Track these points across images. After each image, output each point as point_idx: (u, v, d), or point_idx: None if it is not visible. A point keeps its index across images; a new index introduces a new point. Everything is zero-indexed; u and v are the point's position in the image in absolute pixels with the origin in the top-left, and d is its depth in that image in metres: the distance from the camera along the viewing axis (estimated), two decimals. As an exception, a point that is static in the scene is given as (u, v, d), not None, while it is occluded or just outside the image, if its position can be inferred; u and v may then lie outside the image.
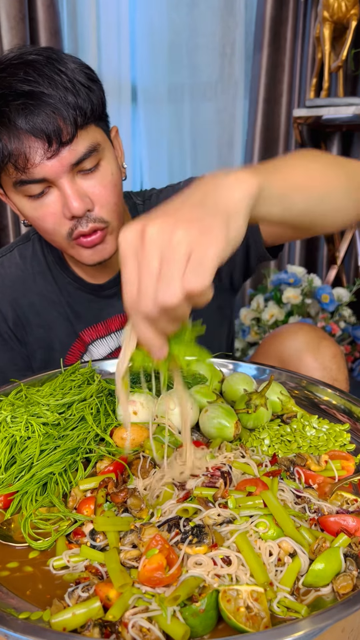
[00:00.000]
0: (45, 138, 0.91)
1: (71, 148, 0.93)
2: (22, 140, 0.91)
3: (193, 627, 0.52)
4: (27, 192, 0.96)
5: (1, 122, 0.91)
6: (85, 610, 0.53)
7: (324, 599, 0.56)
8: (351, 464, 0.77)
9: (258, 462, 0.74)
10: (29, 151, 0.91)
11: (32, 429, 0.80)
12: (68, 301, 1.19)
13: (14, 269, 1.20)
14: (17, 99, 0.90)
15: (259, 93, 2.78)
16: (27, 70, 0.92)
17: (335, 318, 2.40)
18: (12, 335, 1.20)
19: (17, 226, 2.35)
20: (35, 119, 0.90)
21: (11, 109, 0.90)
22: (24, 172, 0.93)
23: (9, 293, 1.19)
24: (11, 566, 0.63)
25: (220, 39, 2.68)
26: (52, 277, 1.19)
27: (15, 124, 0.90)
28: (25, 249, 1.21)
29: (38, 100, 0.90)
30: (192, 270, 0.53)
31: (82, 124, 0.94)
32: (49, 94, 0.91)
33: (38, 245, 1.21)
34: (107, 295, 1.18)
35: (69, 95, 0.92)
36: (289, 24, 2.73)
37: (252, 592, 0.54)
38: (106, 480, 0.71)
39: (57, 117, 0.90)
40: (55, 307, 1.19)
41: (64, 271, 1.18)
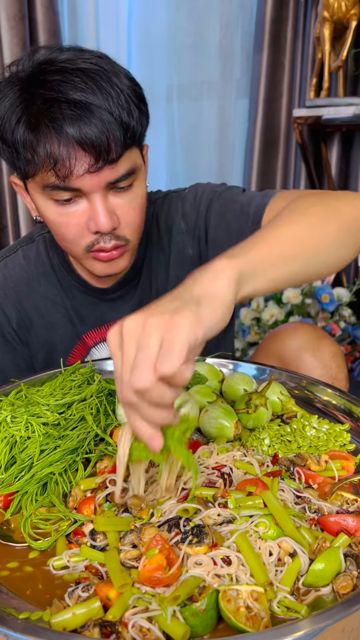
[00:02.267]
0: (93, 153, 0.89)
1: (114, 167, 0.92)
2: (69, 149, 0.89)
3: (193, 627, 0.52)
4: (55, 196, 0.95)
5: (51, 127, 0.88)
6: (85, 610, 0.53)
7: (324, 599, 0.56)
8: (351, 464, 0.77)
9: (260, 462, 0.74)
10: (74, 162, 0.89)
11: (32, 429, 0.80)
12: (72, 304, 1.19)
13: (17, 270, 1.19)
14: (70, 107, 0.88)
15: (259, 93, 2.78)
16: (83, 79, 0.89)
17: (335, 318, 2.40)
18: (15, 336, 1.20)
19: (16, 226, 2.35)
20: (88, 131, 0.88)
21: (64, 115, 0.88)
22: (63, 180, 0.91)
23: (13, 294, 1.18)
24: (11, 566, 0.63)
25: (220, 39, 2.68)
26: (56, 279, 1.18)
27: (66, 132, 0.88)
28: (29, 250, 1.20)
29: (92, 113, 0.88)
30: (162, 355, 0.56)
31: (129, 146, 0.93)
32: (103, 108, 0.89)
33: (42, 247, 1.20)
34: (111, 299, 1.18)
35: (124, 113, 0.91)
36: (289, 24, 2.73)
37: (252, 592, 0.54)
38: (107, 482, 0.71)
39: (109, 135, 0.89)
40: (58, 309, 1.19)
41: (69, 274, 1.17)
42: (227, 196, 1.11)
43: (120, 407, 0.87)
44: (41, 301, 1.18)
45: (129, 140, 0.92)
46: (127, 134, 0.91)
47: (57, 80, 0.89)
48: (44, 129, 0.88)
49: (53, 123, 0.88)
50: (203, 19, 2.61)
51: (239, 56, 2.74)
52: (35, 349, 1.20)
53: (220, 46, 2.68)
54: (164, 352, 0.56)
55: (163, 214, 1.20)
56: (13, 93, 0.92)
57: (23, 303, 1.18)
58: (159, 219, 1.21)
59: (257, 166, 2.89)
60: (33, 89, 0.90)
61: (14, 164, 0.97)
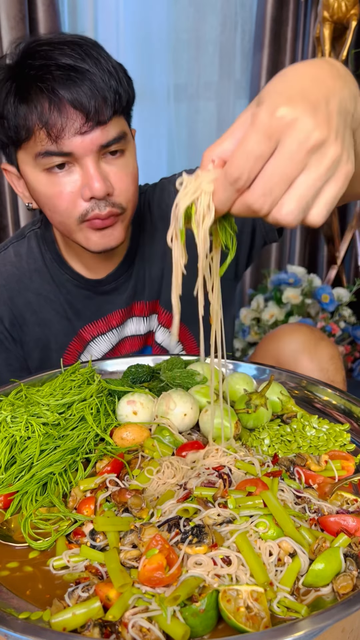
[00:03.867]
0: (84, 112, 0.91)
1: (104, 129, 0.94)
2: (61, 109, 0.91)
3: (193, 627, 0.52)
4: (48, 163, 0.95)
5: (42, 88, 0.91)
6: (85, 610, 0.53)
7: (324, 599, 0.56)
8: (351, 464, 0.77)
9: (261, 462, 0.74)
10: (65, 121, 0.91)
11: (32, 429, 0.80)
12: (67, 298, 1.18)
13: (9, 267, 1.18)
14: (60, 70, 0.91)
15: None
16: (73, 47, 0.93)
17: (335, 318, 2.40)
18: (8, 335, 1.19)
19: (17, 226, 2.35)
20: (79, 91, 0.90)
21: (55, 77, 0.90)
22: (55, 141, 0.92)
23: (4, 292, 1.17)
24: (11, 566, 0.63)
25: (220, 39, 2.68)
26: (49, 275, 1.18)
27: (57, 93, 0.90)
28: (20, 247, 1.19)
29: (82, 75, 0.91)
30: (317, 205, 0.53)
31: (118, 111, 0.95)
32: (93, 73, 0.92)
33: (34, 242, 1.19)
34: (105, 290, 1.18)
35: (112, 80, 0.94)
36: (289, 24, 2.72)
37: (252, 592, 0.54)
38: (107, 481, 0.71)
39: (100, 96, 0.91)
40: (52, 305, 1.18)
41: (62, 268, 1.17)
42: None
43: (120, 407, 0.87)
44: (34, 298, 1.17)
45: (117, 104, 0.94)
46: (116, 98, 0.94)
47: (46, 50, 0.93)
48: (35, 91, 0.91)
49: (44, 84, 0.91)
50: (203, 19, 2.60)
51: (239, 56, 2.74)
52: (29, 347, 1.20)
53: (220, 46, 2.68)
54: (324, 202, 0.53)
55: (155, 200, 1.21)
56: (2, 73, 0.96)
57: (15, 300, 1.17)
58: (150, 206, 1.21)
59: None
60: (22, 62, 0.94)
61: (6, 137, 0.98)
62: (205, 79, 2.70)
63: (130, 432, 0.82)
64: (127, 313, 1.21)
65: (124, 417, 0.87)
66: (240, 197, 0.54)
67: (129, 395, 0.88)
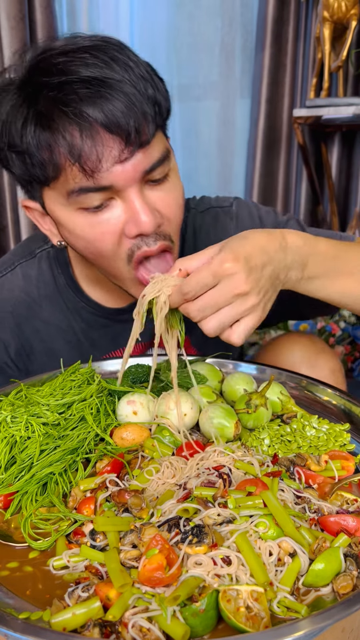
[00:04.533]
0: (122, 135, 0.76)
1: (147, 151, 0.79)
2: (94, 136, 0.75)
3: (193, 627, 0.52)
4: (84, 203, 0.81)
5: (68, 113, 0.75)
6: (85, 610, 0.53)
7: (324, 599, 0.56)
8: (351, 464, 0.77)
9: (260, 462, 0.74)
10: (101, 150, 0.76)
11: (32, 429, 0.80)
12: (81, 327, 1.08)
13: (16, 292, 1.06)
14: (85, 86, 0.75)
15: (261, 93, 2.78)
16: (95, 54, 0.76)
17: (335, 318, 2.40)
18: (13, 365, 1.10)
19: (17, 226, 2.34)
20: (113, 109, 0.74)
21: (81, 97, 0.74)
22: (92, 176, 0.77)
23: (11, 319, 1.06)
24: (11, 566, 0.63)
25: (222, 39, 2.68)
26: (62, 302, 1.06)
27: (87, 116, 0.74)
28: (30, 268, 1.06)
29: (113, 88, 0.75)
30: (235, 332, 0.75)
31: (159, 124, 0.81)
32: (125, 82, 0.76)
33: (45, 265, 1.06)
34: (124, 319, 1.06)
35: (148, 86, 0.79)
36: (290, 24, 2.73)
37: (252, 592, 0.54)
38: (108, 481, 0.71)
39: (138, 111, 0.76)
40: (62, 335, 1.08)
41: (77, 294, 1.06)
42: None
43: (120, 407, 0.87)
44: (43, 326, 1.07)
45: (158, 117, 0.80)
46: (155, 109, 0.79)
47: (62, 61, 0.76)
48: (59, 117, 0.75)
49: (69, 107, 0.75)
50: (204, 19, 2.61)
51: (240, 56, 2.74)
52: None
53: (221, 46, 2.68)
54: (238, 331, 0.75)
55: (203, 229, 1.09)
56: (12, 94, 0.81)
57: (23, 328, 1.07)
58: (196, 232, 1.09)
59: (259, 166, 2.89)
60: (35, 80, 0.78)
61: (28, 175, 0.83)
62: (207, 79, 2.70)
63: (130, 432, 0.82)
64: (148, 346, 1.13)
65: (124, 417, 0.87)
66: (185, 304, 0.75)
67: (129, 395, 0.88)
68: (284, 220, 1.11)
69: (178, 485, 0.70)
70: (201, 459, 0.74)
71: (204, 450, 0.77)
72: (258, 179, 2.91)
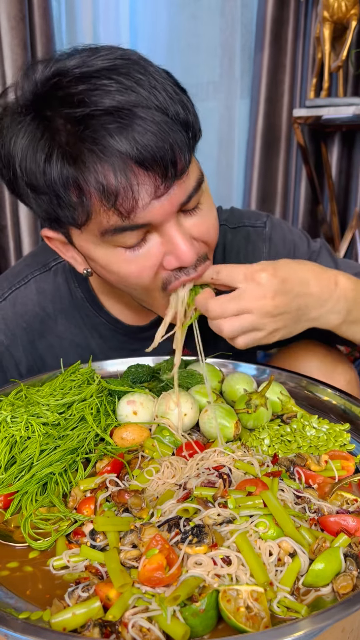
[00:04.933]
0: (158, 169, 0.69)
1: (183, 182, 0.73)
2: (128, 173, 0.68)
3: (193, 627, 0.52)
4: (120, 242, 0.75)
5: (97, 150, 0.68)
6: (85, 610, 0.53)
7: (324, 599, 0.56)
8: (351, 464, 0.77)
9: (260, 462, 0.74)
10: (137, 189, 0.69)
11: (32, 429, 0.80)
12: (98, 343, 1.04)
13: (30, 307, 1.01)
14: (114, 118, 0.67)
15: (260, 93, 2.78)
16: (116, 79, 0.69)
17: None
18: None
19: (17, 226, 2.34)
20: (145, 143, 0.67)
21: (109, 132, 0.67)
22: (127, 217, 0.71)
23: (24, 335, 1.02)
24: (11, 566, 0.63)
25: (221, 39, 2.68)
26: (79, 317, 1.02)
27: (118, 151, 0.67)
28: (45, 282, 1.01)
29: (141, 118, 0.67)
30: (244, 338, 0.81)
31: (193, 148, 0.75)
32: (154, 108, 0.69)
33: (62, 279, 1.01)
34: (145, 337, 1.03)
35: (178, 108, 0.71)
36: (289, 24, 2.73)
37: (252, 592, 0.54)
38: (108, 481, 0.71)
39: (171, 140, 0.69)
40: (77, 351, 1.04)
41: (96, 309, 1.02)
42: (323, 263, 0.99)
43: (120, 407, 0.87)
44: (57, 342, 1.03)
45: (192, 140, 0.74)
46: (189, 134, 0.73)
47: (83, 91, 0.68)
48: (88, 156, 0.68)
49: (97, 145, 0.68)
50: (204, 19, 2.61)
51: (240, 56, 2.74)
52: None
53: (221, 46, 2.68)
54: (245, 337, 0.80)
55: (236, 246, 1.06)
56: (27, 125, 0.73)
57: (36, 344, 1.02)
58: (227, 249, 1.06)
59: (258, 166, 2.89)
60: (53, 110, 0.71)
61: (54, 215, 0.76)
62: (206, 79, 2.70)
63: (130, 432, 0.82)
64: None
65: (124, 417, 0.87)
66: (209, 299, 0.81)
67: (129, 395, 0.88)
68: (316, 249, 1.09)
69: (178, 485, 0.70)
70: (201, 459, 0.74)
71: (204, 450, 0.77)
72: (257, 178, 2.91)
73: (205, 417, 0.85)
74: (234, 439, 0.84)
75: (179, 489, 0.69)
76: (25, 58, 2.13)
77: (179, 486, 0.70)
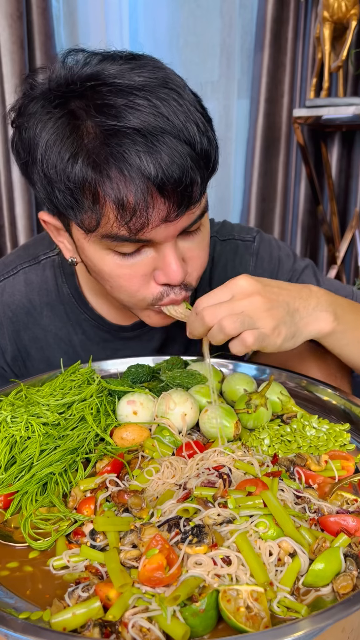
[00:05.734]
0: (174, 198, 0.72)
1: (191, 211, 0.77)
2: (146, 197, 0.71)
3: (193, 627, 0.52)
4: (117, 248, 0.79)
5: (122, 169, 0.70)
6: (85, 610, 0.53)
7: (324, 599, 0.56)
8: (351, 464, 0.77)
9: (260, 462, 0.75)
10: (151, 212, 0.72)
11: (32, 429, 0.80)
12: (80, 339, 1.07)
13: (17, 297, 1.04)
14: (146, 141, 0.69)
15: (260, 93, 2.78)
16: (153, 102, 0.70)
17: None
18: (9, 370, 1.09)
19: (13, 226, 2.34)
20: (170, 171, 0.70)
21: (139, 154, 0.69)
22: (135, 234, 0.75)
23: (10, 325, 1.05)
24: (11, 566, 0.63)
25: (221, 39, 2.68)
26: (63, 311, 1.05)
27: (144, 175, 0.70)
28: (33, 274, 1.04)
29: (169, 147, 0.70)
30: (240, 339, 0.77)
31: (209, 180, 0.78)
32: (182, 139, 0.71)
33: (50, 273, 1.04)
34: (126, 337, 1.08)
35: (205, 140, 0.74)
36: (289, 24, 2.73)
37: (252, 592, 0.54)
38: (108, 481, 0.71)
39: (192, 172, 0.72)
40: (60, 345, 1.07)
41: (81, 306, 1.05)
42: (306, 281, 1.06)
43: (120, 407, 0.87)
44: (41, 334, 1.06)
45: (210, 175, 0.77)
46: (209, 169, 0.76)
47: (120, 106, 0.70)
48: (112, 169, 0.70)
49: (124, 162, 0.70)
50: (204, 20, 2.61)
51: (240, 56, 2.74)
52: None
53: (221, 46, 2.69)
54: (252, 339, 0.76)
55: (223, 258, 1.09)
56: (56, 119, 0.75)
57: (21, 335, 1.05)
58: (216, 260, 1.09)
59: (258, 166, 2.89)
60: (86, 114, 0.72)
61: (61, 209, 0.79)
62: (206, 79, 2.70)
63: (130, 432, 0.82)
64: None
65: (124, 417, 0.87)
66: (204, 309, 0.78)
67: (129, 395, 0.88)
68: (300, 268, 1.11)
69: (178, 485, 0.70)
70: (201, 459, 0.74)
71: (204, 450, 0.77)
72: (257, 178, 2.92)
73: (205, 417, 0.85)
74: (234, 439, 0.84)
75: (179, 489, 0.69)
76: (23, 56, 2.14)
77: (179, 486, 0.70)
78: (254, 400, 0.87)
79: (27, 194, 2.29)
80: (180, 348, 1.13)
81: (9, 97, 2.16)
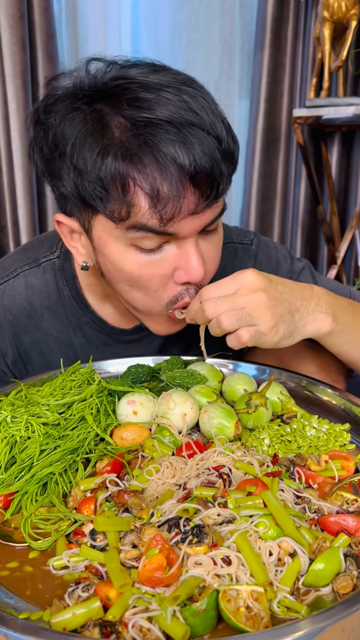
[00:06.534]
0: (204, 189, 0.75)
1: (215, 206, 0.79)
2: (179, 187, 0.73)
3: (193, 627, 0.52)
4: (140, 243, 0.79)
5: (156, 157, 0.71)
6: (85, 610, 0.53)
7: (324, 599, 0.56)
8: (351, 464, 0.77)
9: (260, 462, 0.75)
10: (183, 202, 0.74)
11: (32, 429, 0.80)
12: (81, 342, 1.07)
13: (18, 300, 1.04)
14: (179, 132, 0.71)
15: (260, 92, 2.78)
16: (184, 98, 0.73)
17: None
18: (10, 373, 1.09)
19: (16, 226, 2.34)
20: (202, 162, 0.72)
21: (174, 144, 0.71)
22: (165, 224, 0.76)
23: (10, 328, 1.04)
24: (11, 566, 0.63)
25: (221, 39, 2.68)
26: (64, 315, 1.05)
27: (175, 160, 0.71)
28: (33, 277, 1.04)
29: (200, 141, 0.72)
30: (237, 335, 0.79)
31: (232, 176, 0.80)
32: (211, 134, 0.74)
33: (50, 276, 1.04)
34: (127, 340, 1.08)
35: (231, 140, 0.77)
36: (289, 24, 2.73)
37: (252, 592, 0.54)
38: (108, 481, 0.71)
39: (221, 165, 0.74)
40: (60, 348, 1.07)
41: (82, 309, 1.05)
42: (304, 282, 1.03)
43: (120, 407, 0.87)
44: (42, 337, 1.06)
45: (234, 168, 0.80)
46: (232, 165, 0.79)
47: (151, 99, 0.73)
48: (146, 157, 0.72)
49: (158, 151, 0.71)
50: (204, 19, 2.61)
51: (240, 56, 2.74)
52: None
53: (221, 46, 2.68)
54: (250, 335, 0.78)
55: (222, 261, 1.06)
56: (85, 115, 0.77)
57: (21, 338, 1.05)
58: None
59: (258, 166, 2.89)
60: (115, 109, 0.75)
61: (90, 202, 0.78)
62: (208, 78, 2.70)
63: (130, 432, 0.82)
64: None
65: (124, 417, 0.87)
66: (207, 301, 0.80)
67: (129, 395, 0.88)
68: (298, 269, 1.13)
69: (178, 485, 0.70)
70: (201, 459, 0.74)
71: (204, 450, 0.77)
72: (257, 178, 2.91)
73: (205, 417, 0.85)
74: (234, 439, 0.84)
75: (179, 489, 0.69)
76: (24, 57, 2.14)
77: (178, 486, 0.70)
78: (254, 400, 0.87)
79: (30, 195, 2.29)
80: (180, 350, 1.14)
81: (10, 97, 2.16)
